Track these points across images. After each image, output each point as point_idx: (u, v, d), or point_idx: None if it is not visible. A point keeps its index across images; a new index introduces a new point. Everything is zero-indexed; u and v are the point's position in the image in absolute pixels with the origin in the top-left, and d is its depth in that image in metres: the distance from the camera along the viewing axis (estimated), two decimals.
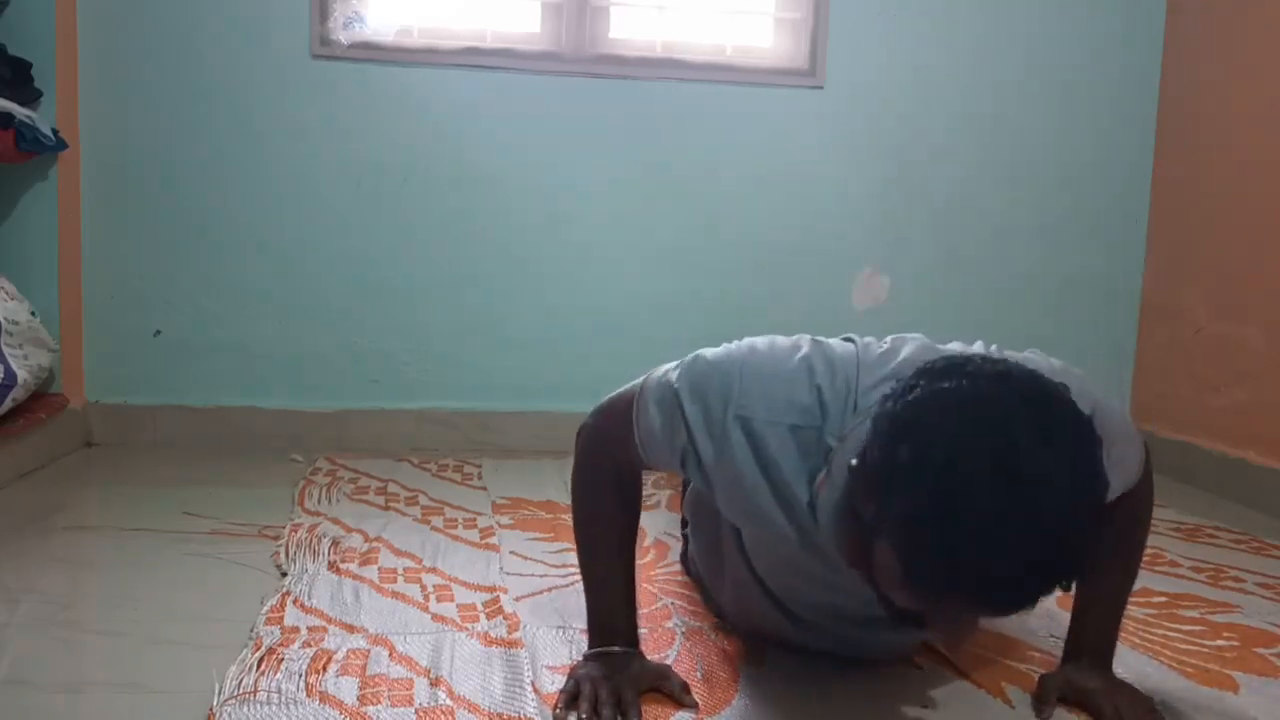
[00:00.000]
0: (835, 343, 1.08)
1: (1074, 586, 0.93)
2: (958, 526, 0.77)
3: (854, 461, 0.88)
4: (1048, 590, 0.80)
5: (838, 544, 0.98)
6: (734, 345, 1.10)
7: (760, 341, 1.09)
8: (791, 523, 1.03)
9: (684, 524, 1.52)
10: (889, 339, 1.08)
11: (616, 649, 1.16)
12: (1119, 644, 1.27)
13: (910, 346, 1.05)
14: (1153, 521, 2.07)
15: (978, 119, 2.70)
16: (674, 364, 1.12)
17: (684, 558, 1.61)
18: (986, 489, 0.77)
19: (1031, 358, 1.06)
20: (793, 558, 1.10)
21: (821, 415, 1.01)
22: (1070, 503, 0.78)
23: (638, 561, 1.24)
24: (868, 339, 1.09)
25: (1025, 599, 0.81)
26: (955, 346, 1.08)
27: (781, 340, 1.09)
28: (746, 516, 1.09)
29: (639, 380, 1.15)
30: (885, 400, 0.86)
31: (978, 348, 1.08)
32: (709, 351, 1.10)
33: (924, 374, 0.85)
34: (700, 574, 1.44)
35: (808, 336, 1.09)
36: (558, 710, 1.09)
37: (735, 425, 1.03)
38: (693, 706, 1.13)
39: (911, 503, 0.80)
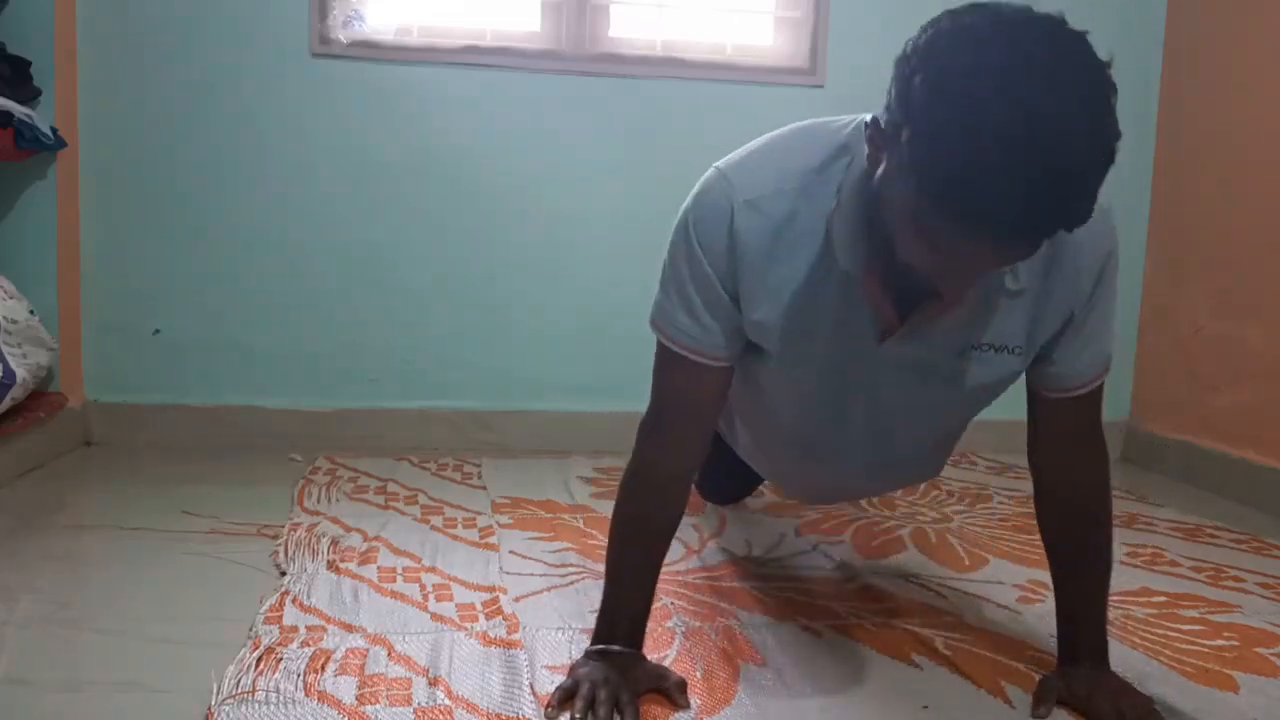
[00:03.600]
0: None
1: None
2: (966, 144, 0.79)
3: (868, 117, 0.92)
4: (1052, 221, 0.83)
5: (852, 259, 1.02)
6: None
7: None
8: (811, 275, 1.06)
9: None
10: None
11: (617, 648, 1.16)
12: (1119, 644, 1.27)
13: None
14: (1153, 521, 2.08)
15: None
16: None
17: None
18: (996, 111, 0.78)
19: None
20: (814, 364, 1.14)
21: (824, 163, 1.04)
22: (1079, 134, 0.80)
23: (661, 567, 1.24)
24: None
25: (1030, 225, 0.83)
26: None
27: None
28: (776, 314, 1.10)
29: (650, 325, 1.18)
30: (906, 42, 0.87)
31: None
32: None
33: (947, 13, 0.85)
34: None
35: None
36: (549, 709, 1.09)
37: (743, 212, 1.05)
38: (686, 707, 1.13)
39: (925, 126, 0.81)
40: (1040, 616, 1.45)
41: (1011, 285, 1.05)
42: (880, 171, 0.91)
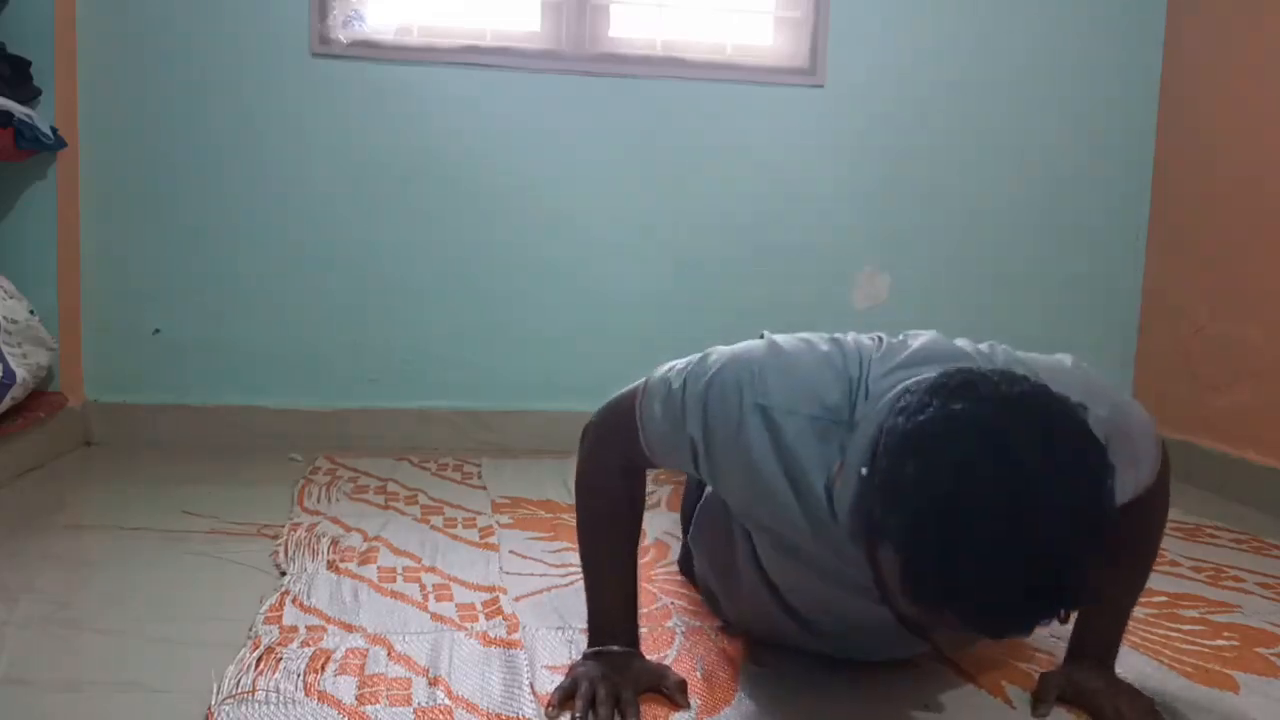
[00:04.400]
0: (854, 336, 1.08)
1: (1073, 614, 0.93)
2: (956, 551, 0.77)
3: (864, 470, 0.88)
4: (1044, 619, 0.80)
5: (853, 536, 0.96)
6: (753, 342, 1.10)
7: (783, 339, 1.09)
8: (806, 515, 1.03)
9: (684, 528, 1.51)
10: (902, 334, 1.08)
11: (615, 648, 1.16)
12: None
13: (923, 338, 1.05)
14: None
15: (978, 118, 2.70)
16: (682, 361, 1.12)
17: (681, 561, 1.61)
18: (988, 517, 0.76)
19: (1061, 363, 1.06)
20: (808, 560, 1.10)
21: (842, 408, 1.00)
22: (1073, 537, 0.77)
23: (638, 561, 1.24)
24: (886, 336, 1.09)
25: (1020, 626, 0.80)
26: (964, 343, 1.07)
27: (805, 336, 1.09)
28: (759, 511, 1.08)
29: (642, 380, 1.15)
30: (897, 414, 0.85)
31: (996, 354, 1.05)
32: (724, 348, 1.10)
33: (938, 391, 0.83)
34: (708, 586, 1.42)
35: (827, 335, 1.09)
36: (550, 709, 1.09)
37: (753, 413, 1.02)
38: (686, 706, 1.13)
39: (914, 521, 0.79)
40: None
41: None
42: (877, 517, 0.85)
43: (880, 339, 1.07)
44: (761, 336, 1.11)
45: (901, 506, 0.80)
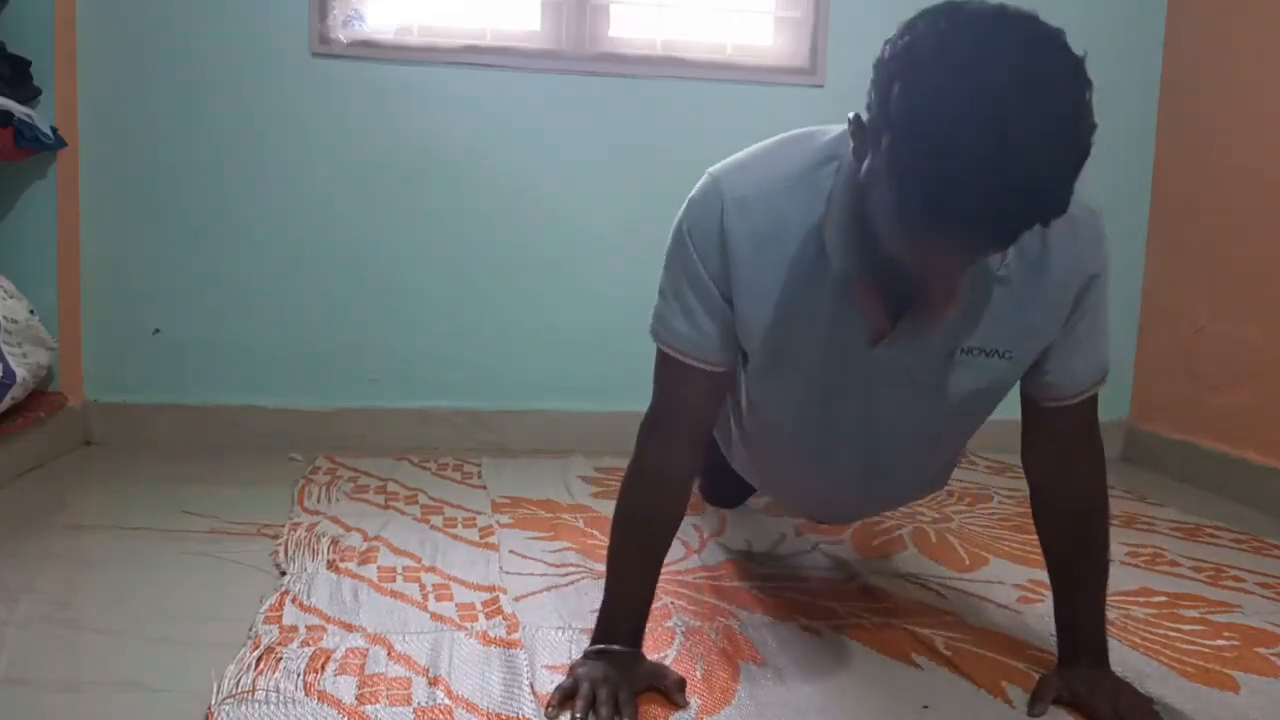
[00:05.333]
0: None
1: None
2: (939, 162, 0.81)
3: (851, 115, 0.94)
4: (1023, 227, 0.84)
5: (845, 260, 1.03)
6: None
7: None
8: (801, 275, 1.07)
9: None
10: None
11: (617, 648, 1.16)
12: (1119, 644, 1.27)
13: None
14: (1153, 521, 2.08)
15: None
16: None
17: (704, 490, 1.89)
18: (973, 117, 0.80)
19: None
20: (804, 382, 1.16)
21: (812, 163, 1.07)
22: (1050, 150, 0.81)
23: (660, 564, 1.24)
24: None
25: (1003, 229, 0.85)
26: None
27: None
28: (763, 313, 1.11)
29: (653, 338, 1.19)
30: (885, 45, 0.89)
31: None
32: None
33: (924, 17, 0.87)
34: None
35: None
36: (549, 709, 1.09)
37: (732, 208, 1.08)
38: (685, 706, 1.13)
39: (902, 137, 0.83)
40: (1040, 616, 1.45)
41: (999, 271, 1.05)
42: (865, 167, 0.93)
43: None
44: None
45: (888, 126, 0.85)
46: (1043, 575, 1.42)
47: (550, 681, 1.16)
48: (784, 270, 1.08)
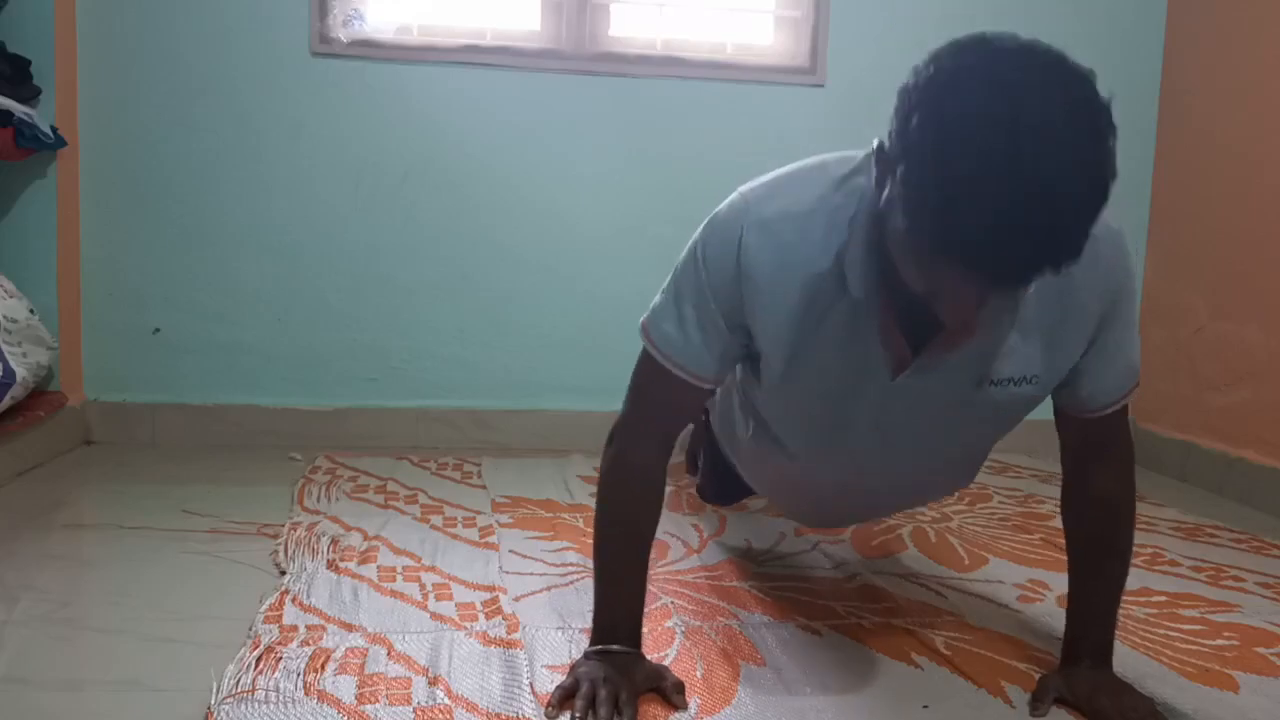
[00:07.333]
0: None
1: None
2: (960, 198, 0.79)
3: (875, 141, 0.92)
4: (1042, 259, 0.82)
5: (863, 288, 1.01)
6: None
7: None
8: (821, 301, 1.06)
9: (689, 467, 1.69)
10: None
11: (617, 648, 1.16)
12: (1119, 644, 1.27)
13: None
14: (1153, 521, 2.07)
15: None
16: (658, 294, 1.18)
17: (700, 490, 1.84)
18: (992, 153, 0.78)
19: None
20: (819, 394, 1.15)
21: (832, 194, 1.05)
22: (1072, 195, 0.79)
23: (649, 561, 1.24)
24: None
25: (1019, 263, 0.82)
26: None
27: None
28: (783, 332, 1.10)
29: (641, 334, 1.18)
30: (911, 72, 0.87)
31: None
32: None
33: (950, 49, 0.85)
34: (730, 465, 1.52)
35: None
36: (549, 709, 1.09)
37: (752, 230, 1.05)
38: (684, 708, 1.13)
39: (920, 169, 0.82)
40: (1040, 616, 1.45)
41: (1021, 313, 1.04)
42: (884, 196, 0.91)
43: None
44: None
45: (905, 156, 0.83)
46: (1043, 575, 1.43)
47: (550, 681, 1.16)
48: (804, 294, 1.06)
